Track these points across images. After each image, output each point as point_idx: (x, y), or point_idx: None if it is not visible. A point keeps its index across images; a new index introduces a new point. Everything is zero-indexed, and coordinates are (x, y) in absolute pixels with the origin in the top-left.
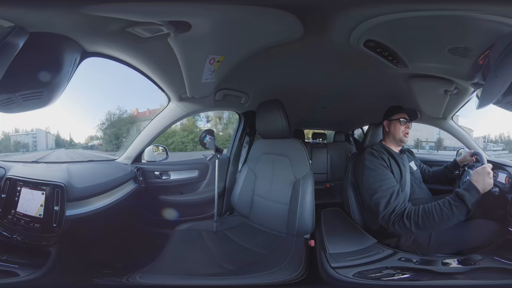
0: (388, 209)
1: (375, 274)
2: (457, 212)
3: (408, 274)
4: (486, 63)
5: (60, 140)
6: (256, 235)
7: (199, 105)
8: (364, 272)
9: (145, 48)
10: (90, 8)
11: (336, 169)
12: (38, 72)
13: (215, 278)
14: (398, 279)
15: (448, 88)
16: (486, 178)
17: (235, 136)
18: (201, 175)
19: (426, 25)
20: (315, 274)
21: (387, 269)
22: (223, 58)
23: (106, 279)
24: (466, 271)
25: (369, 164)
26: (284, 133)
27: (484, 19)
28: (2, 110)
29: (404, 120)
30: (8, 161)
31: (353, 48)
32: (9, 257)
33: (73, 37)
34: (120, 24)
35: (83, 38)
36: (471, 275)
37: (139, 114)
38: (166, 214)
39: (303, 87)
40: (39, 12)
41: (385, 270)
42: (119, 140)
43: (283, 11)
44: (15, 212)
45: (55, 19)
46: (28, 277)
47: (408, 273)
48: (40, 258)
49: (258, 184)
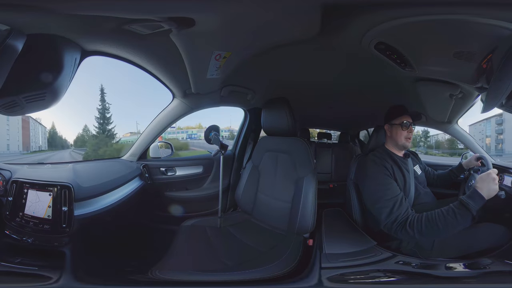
0: (390, 219)
1: (362, 276)
2: (462, 219)
3: (402, 277)
4: (490, 67)
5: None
6: (257, 232)
7: (204, 101)
8: (347, 274)
9: (146, 44)
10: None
11: (340, 170)
12: (39, 74)
13: (213, 274)
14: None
15: (453, 92)
16: (491, 184)
17: (240, 133)
18: (206, 171)
19: (434, 29)
20: (301, 272)
21: (378, 271)
22: (230, 54)
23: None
24: (475, 275)
25: (370, 173)
26: (290, 131)
27: (487, 24)
28: (6, 112)
29: (406, 124)
30: (13, 164)
31: (363, 50)
32: (23, 259)
33: (70, 37)
34: (116, 21)
35: (80, 38)
36: (480, 279)
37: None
38: (172, 210)
39: (310, 85)
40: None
41: (375, 273)
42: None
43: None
44: (23, 214)
45: (48, 20)
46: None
47: (403, 277)
48: (55, 259)
49: (262, 181)
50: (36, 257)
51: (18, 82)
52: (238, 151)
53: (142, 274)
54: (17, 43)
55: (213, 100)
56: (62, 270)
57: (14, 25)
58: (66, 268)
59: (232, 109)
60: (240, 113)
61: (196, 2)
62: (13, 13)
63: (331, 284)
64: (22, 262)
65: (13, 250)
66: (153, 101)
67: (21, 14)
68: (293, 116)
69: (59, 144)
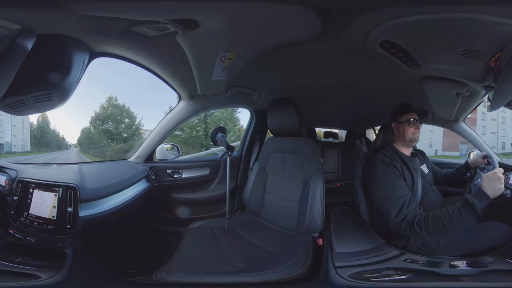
0: (399, 218)
1: (376, 274)
2: (467, 218)
3: (410, 275)
4: (498, 66)
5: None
6: (266, 233)
7: (210, 102)
8: (363, 272)
9: (154, 46)
10: (92, 9)
11: (347, 169)
12: (47, 74)
13: (224, 275)
14: (399, 279)
15: (460, 91)
16: (496, 183)
17: (246, 134)
18: (212, 173)
19: (440, 28)
20: (317, 273)
21: (389, 270)
22: (235, 55)
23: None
24: (475, 274)
25: (381, 172)
26: (296, 132)
27: (495, 22)
28: (14, 112)
29: (413, 121)
30: (19, 163)
31: (368, 48)
32: (24, 259)
33: (80, 38)
34: (125, 23)
35: (89, 39)
36: (480, 278)
37: None
38: (179, 212)
39: (316, 85)
40: (44, 14)
41: (387, 271)
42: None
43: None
44: (27, 214)
45: (60, 20)
46: (49, 280)
47: (411, 275)
48: (56, 260)
49: (269, 182)
50: (37, 257)
51: (27, 82)
52: (244, 152)
53: (147, 276)
54: (27, 43)
55: (219, 102)
56: (59, 271)
57: (26, 25)
58: (64, 269)
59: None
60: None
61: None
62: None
63: (352, 283)
64: (22, 262)
65: (15, 250)
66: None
67: (39, 12)
68: (299, 116)
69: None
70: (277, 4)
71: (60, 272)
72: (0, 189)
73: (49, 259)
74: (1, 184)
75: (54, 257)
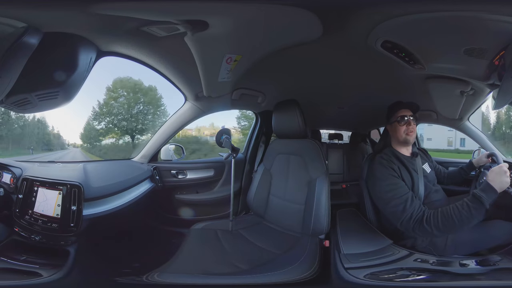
0: (405, 216)
1: (389, 275)
2: (476, 213)
3: (424, 275)
4: (502, 64)
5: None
6: (271, 235)
7: (215, 104)
8: (377, 273)
9: (162, 47)
10: (105, 8)
11: (353, 170)
12: (53, 72)
13: (227, 277)
14: (413, 280)
15: (464, 89)
16: (503, 177)
17: (251, 136)
18: (217, 174)
19: (443, 26)
20: (328, 274)
21: (402, 270)
22: (240, 57)
23: (124, 278)
24: (485, 272)
25: (379, 174)
26: (301, 133)
27: (499, 20)
28: (19, 110)
29: (403, 117)
30: (24, 161)
31: (370, 49)
32: (28, 257)
33: (88, 37)
34: (136, 23)
35: (97, 38)
36: (490, 276)
37: None
38: (182, 213)
39: (320, 87)
40: (53, 12)
41: (400, 271)
42: None
43: (303, 10)
44: (32, 212)
45: (69, 19)
46: (50, 277)
47: (424, 274)
48: (60, 258)
49: (274, 183)
50: (40, 255)
51: (32, 79)
52: (249, 154)
53: (149, 276)
54: (32, 41)
55: (225, 104)
56: (61, 269)
57: (33, 23)
58: (65, 267)
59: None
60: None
61: (212, 5)
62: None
63: (369, 282)
64: (26, 260)
65: (20, 248)
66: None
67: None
68: (304, 118)
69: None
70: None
71: (61, 270)
72: (5, 187)
73: (52, 257)
74: (6, 182)
75: (57, 255)
